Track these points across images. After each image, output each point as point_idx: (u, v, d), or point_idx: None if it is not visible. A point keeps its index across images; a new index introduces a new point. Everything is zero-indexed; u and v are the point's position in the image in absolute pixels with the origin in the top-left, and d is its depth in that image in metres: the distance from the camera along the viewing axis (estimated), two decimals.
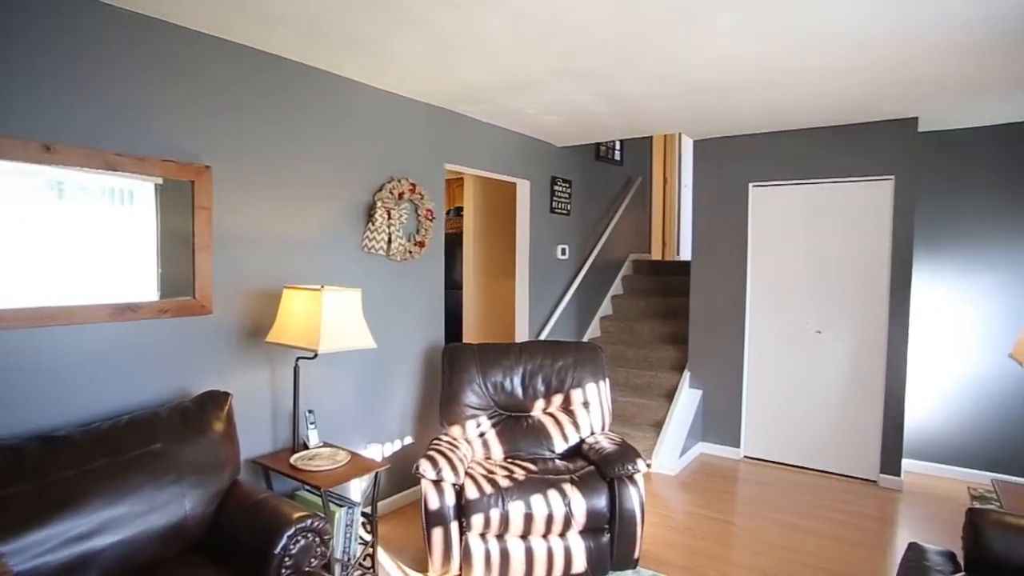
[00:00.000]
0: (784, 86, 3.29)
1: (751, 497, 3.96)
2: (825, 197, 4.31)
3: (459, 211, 6.65)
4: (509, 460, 3.24)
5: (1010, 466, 4.13)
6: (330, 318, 2.54)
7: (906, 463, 4.18)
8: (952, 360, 4.30)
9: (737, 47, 2.71)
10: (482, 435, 3.34)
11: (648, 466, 2.98)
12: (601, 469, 2.94)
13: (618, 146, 6.10)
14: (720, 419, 4.77)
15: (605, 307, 5.98)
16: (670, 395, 4.95)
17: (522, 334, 4.89)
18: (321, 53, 2.86)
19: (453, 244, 6.20)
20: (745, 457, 4.70)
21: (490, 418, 3.39)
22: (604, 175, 5.88)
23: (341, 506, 2.66)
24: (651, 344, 5.41)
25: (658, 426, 4.73)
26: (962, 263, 4.25)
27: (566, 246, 5.25)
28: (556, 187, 5.08)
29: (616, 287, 6.18)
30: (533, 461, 3.20)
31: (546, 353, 3.52)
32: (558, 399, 3.45)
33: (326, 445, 2.95)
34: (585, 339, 5.65)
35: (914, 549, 2.26)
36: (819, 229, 4.35)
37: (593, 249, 5.66)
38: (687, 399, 4.79)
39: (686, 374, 4.89)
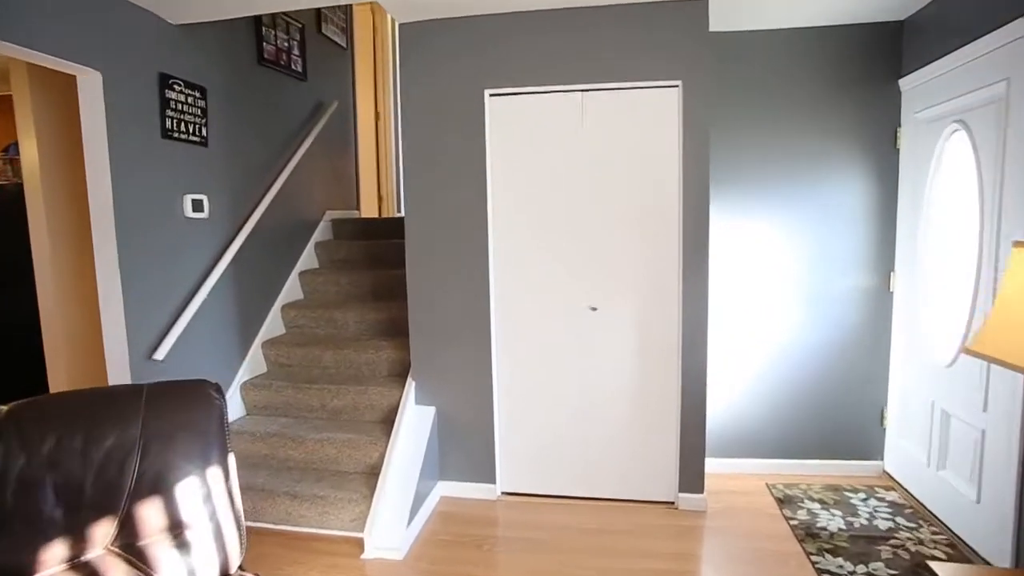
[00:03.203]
0: None
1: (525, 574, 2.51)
2: (592, 112, 2.97)
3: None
4: None
5: (812, 449, 3.38)
6: None
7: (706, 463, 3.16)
8: (753, 331, 3.38)
9: None
10: None
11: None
12: None
13: (297, 51, 4.11)
14: (464, 445, 3.25)
15: (291, 289, 4.03)
16: (390, 419, 3.28)
17: (119, 362, 2.72)
18: None
19: (12, 205, 3.64)
20: (504, 495, 3.27)
21: None
22: (275, 90, 3.86)
23: None
24: (359, 341, 3.65)
25: (373, 474, 3.04)
26: (759, 204, 3.31)
27: (203, 196, 3.15)
28: (171, 94, 2.93)
29: (308, 259, 4.26)
30: None
31: (70, 423, 1.51)
32: (106, 530, 1.49)
33: None
34: (261, 341, 3.66)
35: None
36: (586, 159, 3.00)
37: (260, 201, 3.64)
38: (415, 423, 3.16)
39: (411, 384, 3.26)
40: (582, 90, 2.95)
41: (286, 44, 3.97)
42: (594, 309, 3.04)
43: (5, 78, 3.93)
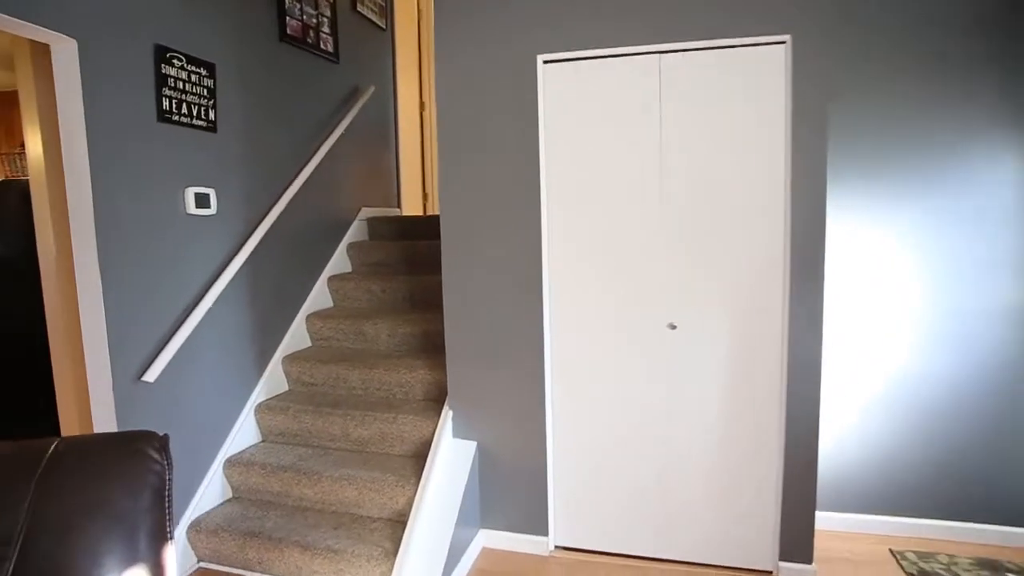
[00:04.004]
0: None
1: None
2: (673, 80, 2.35)
3: None
4: None
5: (952, 507, 2.65)
6: None
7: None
8: (871, 352, 2.69)
9: None
10: None
11: None
12: None
13: (327, 29, 3.66)
14: (511, 488, 2.69)
15: (319, 297, 3.57)
16: (422, 454, 2.77)
17: (102, 385, 2.30)
18: None
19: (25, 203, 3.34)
20: (558, 549, 2.69)
21: None
22: (301, 71, 3.41)
23: None
24: (390, 358, 3.15)
25: (400, 522, 2.53)
26: (878, 196, 2.62)
27: (209, 190, 2.72)
28: (170, 70, 2.50)
29: (339, 262, 3.80)
30: None
31: None
32: None
33: None
34: (282, 355, 3.21)
35: None
36: (666, 141, 2.39)
37: (281, 196, 3.18)
38: (451, 461, 2.63)
39: (447, 413, 2.73)
40: (659, 52, 2.35)
41: (314, 20, 3.51)
42: (673, 327, 2.42)
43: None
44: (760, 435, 2.39)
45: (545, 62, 2.46)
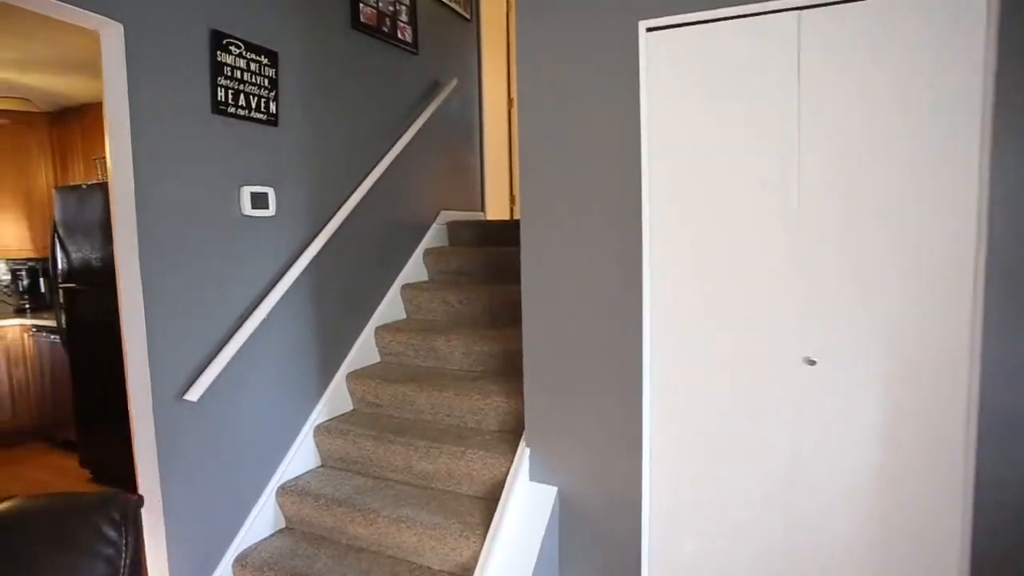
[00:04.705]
0: None
1: None
2: (815, 48, 1.83)
3: None
4: None
5: None
6: None
7: None
8: None
9: None
10: None
11: None
12: None
13: (405, 17, 3.37)
14: (598, 546, 2.24)
15: (391, 307, 3.27)
16: (493, 496, 2.37)
17: (142, 402, 2.07)
18: None
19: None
20: None
21: None
22: (375, 62, 3.13)
23: None
24: (463, 380, 2.79)
25: None
26: None
27: (268, 189, 2.46)
28: (226, 58, 2.27)
29: (414, 270, 3.49)
30: None
31: None
32: None
33: None
34: (346, 371, 2.93)
35: None
36: (803, 129, 1.86)
37: (349, 197, 2.91)
38: (527, 509, 2.22)
39: (524, 452, 2.31)
40: (797, 8, 1.83)
41: (391, 8, 3.23)
42: (811, 363, 1.88)
43: None
44: (930, 510, 1.80)
45: (648, 30, 2.00)
